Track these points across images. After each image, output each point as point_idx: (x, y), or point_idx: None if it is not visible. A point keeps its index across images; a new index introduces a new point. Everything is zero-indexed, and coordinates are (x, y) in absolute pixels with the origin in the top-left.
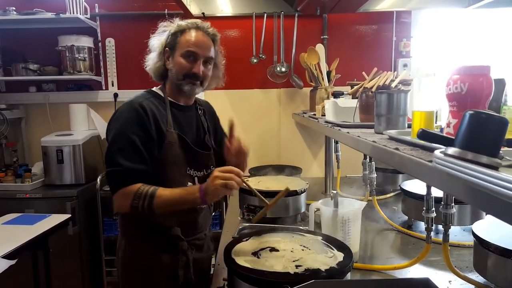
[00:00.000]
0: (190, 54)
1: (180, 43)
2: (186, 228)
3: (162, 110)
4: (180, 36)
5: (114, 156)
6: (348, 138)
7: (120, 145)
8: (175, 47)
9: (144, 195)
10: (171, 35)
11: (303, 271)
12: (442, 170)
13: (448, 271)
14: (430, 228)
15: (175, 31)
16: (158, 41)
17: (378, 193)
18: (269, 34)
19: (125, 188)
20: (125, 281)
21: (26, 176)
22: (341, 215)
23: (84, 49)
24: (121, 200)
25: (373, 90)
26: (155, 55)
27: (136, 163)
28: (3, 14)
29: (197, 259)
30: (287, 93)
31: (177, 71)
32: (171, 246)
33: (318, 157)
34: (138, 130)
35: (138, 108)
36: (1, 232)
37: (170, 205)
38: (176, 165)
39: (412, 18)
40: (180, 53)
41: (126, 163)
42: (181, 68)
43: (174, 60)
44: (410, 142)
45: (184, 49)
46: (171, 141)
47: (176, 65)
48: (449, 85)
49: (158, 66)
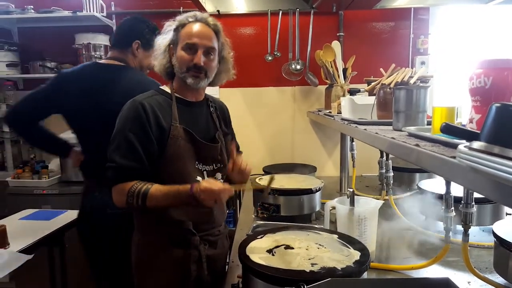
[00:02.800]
0: (189, 46)
1: (181, 37)
2: (199, 223)
3: (167, 106)
4: (180, 31)
5: (111, 153)
6: (365, 135)
7: (118, 142)
8: (177, 42)
9: (137, 194)
10: (173, 31)
11: (319, 269)
12: (466, 165)
13: (467, 272)
14: (449, 228)
15: (176, 27)
16: (162, 40)
17: (394, 193)
18: (284, 32)
19: (119, 184)
20: (137, 275)
21: (43, 173)
22: (357, 214)
23: (100, 47)
24: (117, 196)
25: (391, 86)
26: (160, 53)
27: (130, 160)
28: (22, 12)
29: (211, 256)
30: (302, 91)
31: (179, 65)
32: (183, 240)
33: (333, 155)
34: (136, 128)
35: (138, 106)
36: (19, 227)
37: (163, 205)
38: (183, 160)
39: (430, 14)
40: (181, 46)
41: (120, 160)
42: (183, 61)
43: (176, 55)
44: (430, 138)
45: (184, 42)
46: (176, 135)
47: (178, 58)
48: (472, 80)
49: (163, 64)
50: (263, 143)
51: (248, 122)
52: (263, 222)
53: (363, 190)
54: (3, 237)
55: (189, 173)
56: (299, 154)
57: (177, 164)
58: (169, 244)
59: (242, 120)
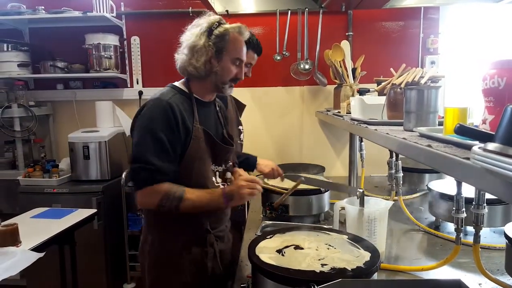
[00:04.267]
0: (239, 61)
1: (229, 49)
2: (214, 222)
3: (188, 106)
4: (228, 40)
5: (143, 153)
6: (376, 135)
7: (149, 143)
8: (223, 50)
9: (173, 197)
10: (215, 36)
11: (329, 270)
12: (481, 166)
13: (478, 273)
14: (460, 229)
15: (221, 33)
16: (198, 39)
17: (403, 193)
18: (293, 31)
19: (152, 186)
20: (152, 275)
21: (54, 172)
22: (367, 214)
23: (110, 47)
24: (147, 197)
25: (402, 86)
26: (192, 51)
27: (165, 162)
28: (33, 13)
29: (222, 250)
30: (310, 91)
31: (224, 75)
32: (199, 239)
33: (342, 156)
34: (166, 129)
35: (167, 106)
36: (30, 226)
37: (196, 207)
38: (202, 160)
39: (440, 14)
40: (230, 58)
41: (156, 162)
42: (230, 74)
43: (223, 65)
44: (442, 139)
45: (235, 56)
46: (197, 136)
47: (226, 70)
48: (485, 80)
49: (199, 67)
50: (271, 142)
51: (257, 121)
52: (272, 222)
53: (372, 191)
54: (15, 235)
55: (207, 174)
56: (307, 154)
57: (197, 165)
58: (187, 243)
59: (251, 119)
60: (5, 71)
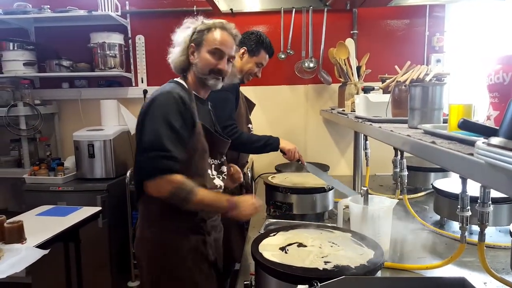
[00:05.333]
0: (216, 51)
1: (207, 40)
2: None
3: (190, 101)
4: (207, 34)
5: (160, 140)
6: (380, 132)
7: (165, 131)
8: (201, 43)
9: (185, 189)
10: (197, 31)
11: (332, 267)
12: (484, 161)
13: (482, 272)
14: (464, 227)
15: (201, 29)
16: (183, 36)
17: (408, 192)
18: (297, 30)
19: (171, 175)
20: (151, 267)
21: (59, 170)
22: (371, 212)
23: (115, 46)
24: (162, 185)
25: (406, 84)
26: (179, 49)
27: (180, 150)
28: (38, 12)
29: (216, 239)
30: (315, 89)
31: (203, 66)
32: (196, 228)
33: (346, 154)
34: (179, 119)
35: (178, 98)
36: (35, 223)
37: (202, 204)
38: (202, 154)
39: (445, 12)
40: (207, 49)
41: (173, 149)
42: (207, 64)
43: (200, 56)
44: (447, 135)
45: (212, 46)
46: (199, 131)
47: (203, 60)
48: (490, 76)
49: (181, 60)
50: None
51: (261, 120)
52: (276, 220)
53: (377, 189)
54: (20, 232)
55: (205, 167)
56: (311, 153)
57: (197, 157)
58: (187, 232)
59: (255, 118)
60: (11, 70)
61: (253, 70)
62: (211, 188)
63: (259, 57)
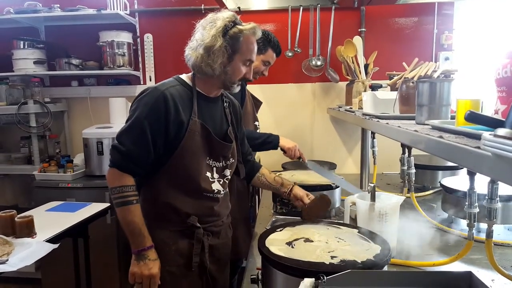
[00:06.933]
0: (249, 62)
1: (242, 49)
2: (202, 216)
3: (187, 99)
4: (241, 40)
5: (123, 133)
6: (387, 129)
7: (131, 126)
8: (236, 51)
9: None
10: (231, 37)
11: (339, 262)
12: (491, 153)
13: (490, 269)
14: (472, 224)
15: (235, 34)
16: (215, 40)
17: (416, 191)
18: (304, 28)
19: (120, 172)
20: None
21: (68, 167)
22: (378, 209)
23: (124, 44)
24: (111, 177)
25: (414, 80)
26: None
27: (138, 147)
28: (49, 11)
29: (215, 245)
30: (322, 87)
31: (234, 76)
32: (188, 233)
33: (353, 153)
34: (152, 118)
35: (160, 96)
36: (45, 218)
37: (125, 223)
38: (196, 154)
39: (454, 9)
40: (241, 59)
41: (128, 144)
42: (240, 74)
43: (234, 65)
44: (454, 130)
45: (246, 57)
46: (193, 130)
47: (236, 70)
48: (498, 70)
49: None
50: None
51: (268, 118)
52: (282, 217)
53: (384, 188)
54: (30, 227)
55: (199, 168)
56: (318, 151)
57: (189, 158)
58: (175, 236)
59: (262, 116)
60: (21, 68)
61: (260, 68)
62: (205, 192)
63: (266, 56)
